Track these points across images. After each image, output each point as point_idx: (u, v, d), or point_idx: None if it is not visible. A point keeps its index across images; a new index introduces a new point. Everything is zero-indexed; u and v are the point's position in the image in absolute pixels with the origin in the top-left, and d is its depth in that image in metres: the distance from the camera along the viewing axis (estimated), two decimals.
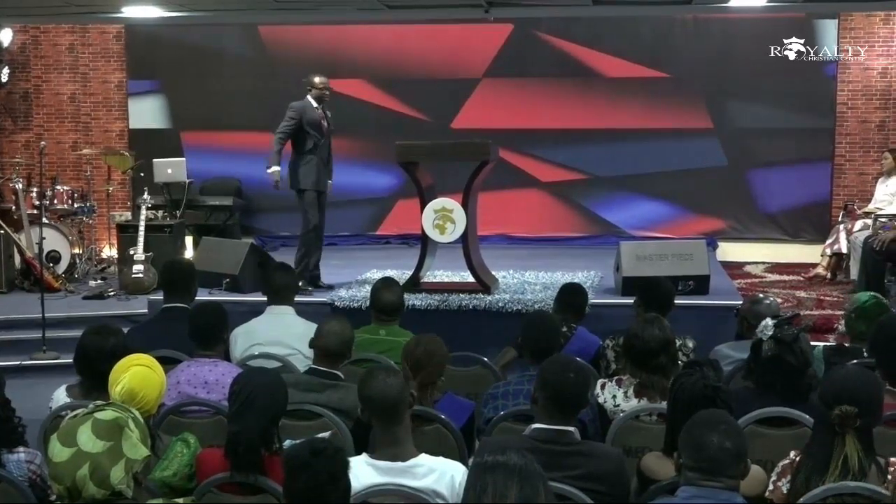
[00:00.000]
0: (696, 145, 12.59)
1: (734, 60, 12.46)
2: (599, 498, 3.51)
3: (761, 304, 5.54)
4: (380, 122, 12.75)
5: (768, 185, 12.55)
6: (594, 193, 12.83)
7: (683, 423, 3.52)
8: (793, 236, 12.49)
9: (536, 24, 12.58)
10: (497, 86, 12.85)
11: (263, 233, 13.06)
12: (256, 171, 12.99)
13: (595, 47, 12.67)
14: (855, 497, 3.21)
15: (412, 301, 7.89)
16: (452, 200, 8.30)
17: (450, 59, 12.89)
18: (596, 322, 7.59)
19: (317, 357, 4.79)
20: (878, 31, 12.29)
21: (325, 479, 2.93)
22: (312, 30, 12.99)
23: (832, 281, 10.55)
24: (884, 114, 12.37)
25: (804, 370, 4.24)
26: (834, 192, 12.43)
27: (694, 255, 8.52)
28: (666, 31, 12.57)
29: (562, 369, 3.78)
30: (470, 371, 5.65)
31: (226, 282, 8.74)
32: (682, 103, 12.56)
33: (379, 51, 12.96)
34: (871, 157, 12.28)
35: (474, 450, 4.25)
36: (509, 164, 12.24)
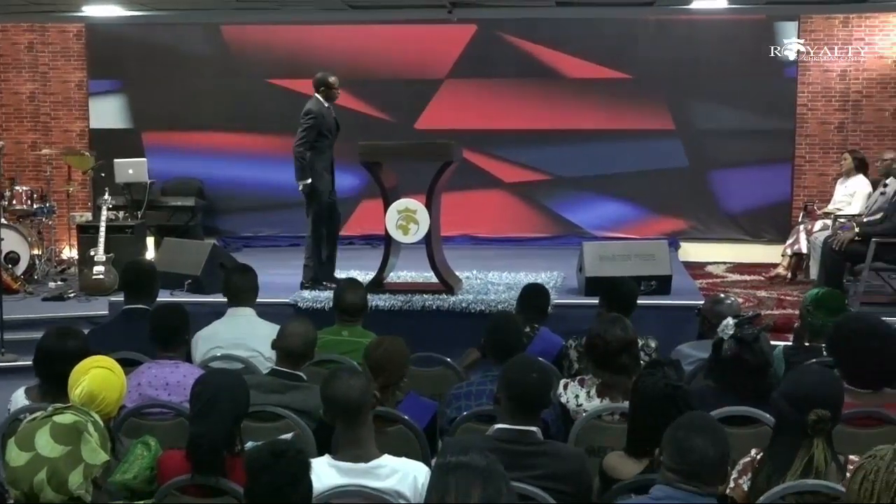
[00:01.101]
0: (659, 146, 12.66)
1: (696, 62, 12.54)
2: (562, 498, 3.52)
3: (722, 303, 5.57)
4: (343, 123, 12.61)
5: (729, 186, 12.65)
6: (557, 194, 12.86)
7: (645, 423, 3.55)
8: (754, 236, 12.59)
9: (500, 24, 12.60)
10: (461, 86, 12.86)
11: (226, 234, 13.01)
12: (219, 171, 13.03)
13: (558, 48, 12.71)
14: (814, 495, 3.24)
15: (375, 302, 7.88)
16: (416, 201, 8.29)
17: (413, 60, 12.88)
18: (559, 322, 7.61)
19: (279, 358, 4.77)
20: (838, 34, 12.42)
21: (287, 480, 2.92)
22: (275, 30, 12.94)
23: (792, 281, 10.64)
24: (843, 115, 12.50)
25: (764, 370, 4.28)
26: (794, 193, 12.54)
27: (656, 256, 8.56)
28: (628, 32, 12.63)
29: (524, 369, 3.79)
30: (433, 371, 5.64)
31: (188, 283, 8.68)
32: (644, 104, 12.63)
33: (342, 51, 12.92)
34: (830, 157, 12.41)
35: (437, 450, 4.25)
36: (473, 164, 12.24)
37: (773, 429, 3.58)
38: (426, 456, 4.13)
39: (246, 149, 13.07)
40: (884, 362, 4.23)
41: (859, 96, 12.46)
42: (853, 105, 12.48)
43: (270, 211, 13.02)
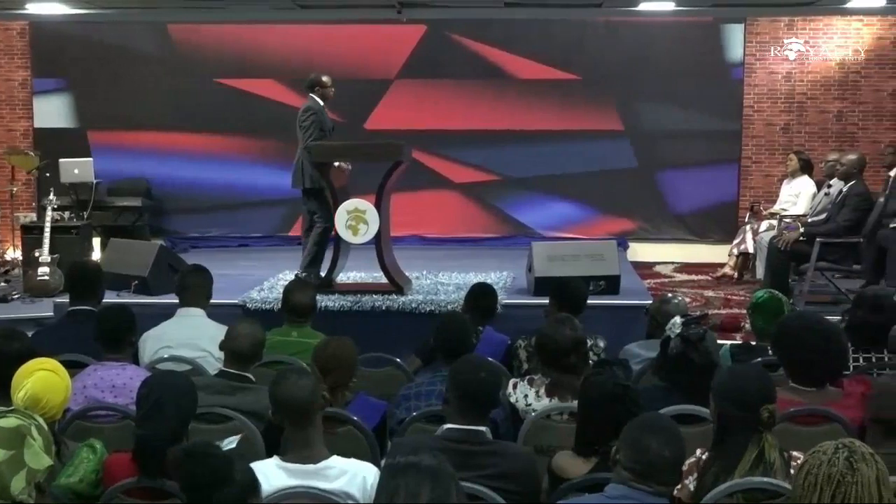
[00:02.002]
0: (607, 147, 12.74)
1: (644, 63, 12.63)
2: (511, 497, 3.52)
3: (670, 303, 5.62)
4: (292, 123, 12.59)
5: (677, 187, 12.76)
6: (507, 194, 12.90)
7: (594, 422, 3.57)
8: (701, 237, 12.70)
9: (449, 25, 12.61)
10: (410, 87, 12.85)
11: (174, 234, 12.90)
12: (167, 171, 12.91)
13: (508, 49, 12.75)
14: (761, 491, 3.28)
15: (325, 302, 7.84)
16: (365, 201, 8.27)
17: (363, 60, 12.85)
18: (508, 322, 7.64)
19: (227, 359, 4.74)
20: (783, 36, 12.57)
21: (209, 479, 2.91)
22: (224, 29, 12.85)
23: (739, 280, 10.77)
24: (788, 116, 12.65)
25: (710, 369, 4.31)
26: (740, 194, 12.68)
27: (605, 256, 8.60)
28: (578, 33, 12.70)
29: (473, 369, 3.80)
30: (382, 372, 5.63)
31: (134, 284, 8.58)
32: (593, 105, 12.70)
33: (291, 51, 12.87)
34: (776, 158, 12.56)
35: (386, 451, 4.24)
36: (423, 165, 12.24)
37: (718, 428, 3.61)
38: (375, 456, 4.12)
39: (194, 149, 12.97)
40: (827, 360, 4.28)
41: (804, 98, 12.62)
42: (798, 107, 12.64)
43: (219, 211, 12.95)
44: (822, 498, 2.67)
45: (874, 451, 2.77)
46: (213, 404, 4.32)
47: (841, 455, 2.70)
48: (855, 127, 12.60)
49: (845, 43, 12.50)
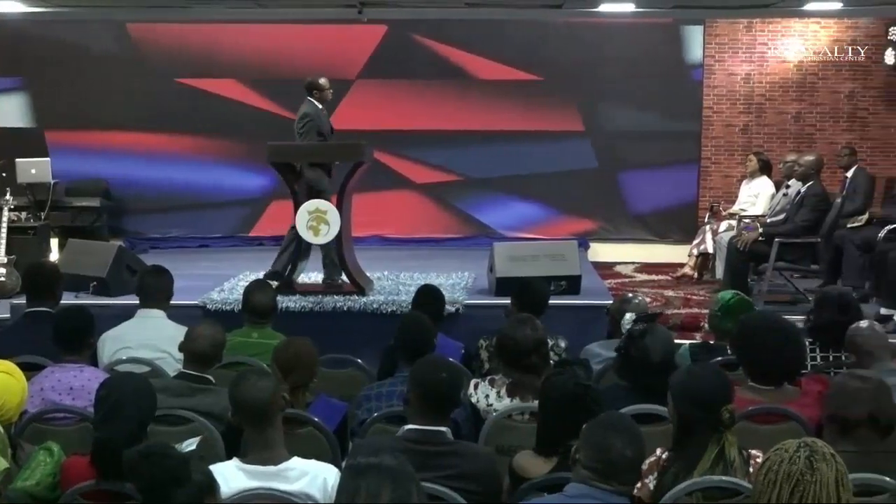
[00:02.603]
0: (568, 147, 12.78)
1: (605, 64, 12.68)
2: (472, 497, 3.53)
3: (630, 303, 5.65)
4: (253, 123, 12.60)
5: (638, 187, 12.82)
6: (468, 195, 12.91)
7: (554, 422, 3.58)
8: (661, 237, 12.77)
9: (410, 25, 12.60)
10: (371, 87, 12.82)
11: (133, 235, 12.79)
12: (126, 171, 12.80)
13: (469, 49, 12.76)
14: (720, 490, 3.30)
15: (286, 303, 7.82)
16: (326, 202, 8.25)
17: (324, 60, 12.78)
18: (470, 323, 7.68)
19: (187, 361, 4.71)
20: (742, 38, 12.66)
21: (164, 480, 2.89)
22: (184, 28, 12.76)
23: (699, 280, 10.84)
24: (747, 118, 12.75)
25: (653, 366, 4.33)
26: (700, 194, 12.75)
27: (566, 256, 8.63)
28: (539, 34, 12.72)
29: (434, 369, 3.80)
30: (343, 373, 5.63)
31: (93, 285, 8.51)
32: (554, 106, 12.73)
33: (252, 51, 12.81)
34: (735, 159, 12.65)
35: (347, 452, 4.23)
36: (384, 165, 12.23)
37: (677, 428, 3.64)
38: (336, 458, 4.11)
39: (154, 149, 12.87)
40: (785, 359, 4.33)
41: (762, 99, 12.73)
42: (757, 108, 12.74)
43: (179, 212, 12.87)
44: (780, 496, 2.69)
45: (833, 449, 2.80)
46: (173, 406, 4.29)
47: (802, 454, 2.72)
48: (812, 128, 12.72)
49: (803, 45, 12.62)
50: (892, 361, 4.74)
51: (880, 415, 3.54)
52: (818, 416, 4.09)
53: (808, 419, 4.11)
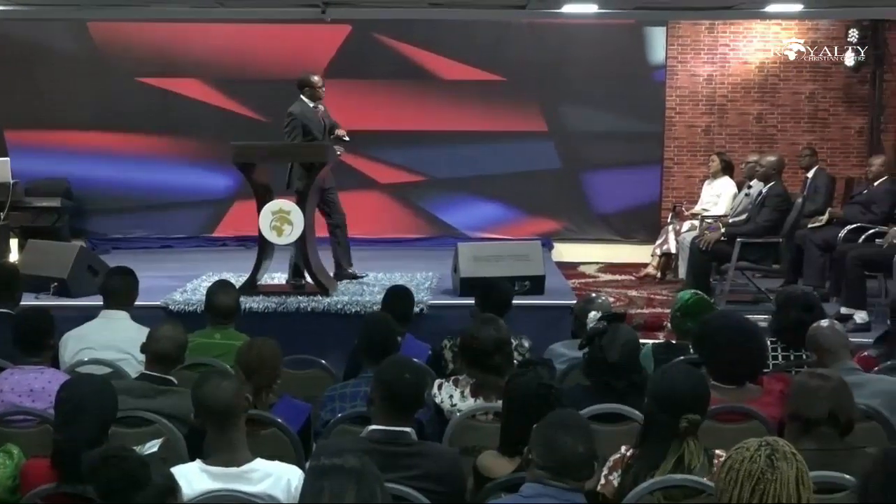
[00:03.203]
0: (532, 148, 12.80)
1: (568, 65, 12.72)
2: (436, 498, 3.53)
3: (593, 303, 5.67)
4: (216, 123, 12.54)
5: (601, 187, 12.86)
6: (432, 195, 12.90)
7: (518, 422, 3.59)
8: (624, 237, 12.82)
9: (374, 25, 12.57)
10: (335, 87, 12.67)
11: (95, 235, 12.68)
12: (87, 171, 12.69)
13: (433, 50, 12.75)
14: (682, 489, 3.32)
15: (249, 304, 7.79)
16: (290, 202, 8.23)
17: (287, 60, 12.74)
18: (434, 323, 7.68)
19: (149, 362, 4.69)
20: (704, 40, 12.74)
21: (124, 483, 2.87)
22: (146, 27, 12.64)
23: (662, 280, 10.89)
24: (709, 118, 12.83)
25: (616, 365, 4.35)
26: (663, 194, 12.82)
27: (530, 256, 8.66)
28: (502, 34, 12.73)
29: (398, 370, 3.80)
30: (307, 373, 5.62)
31: (54, 286, 8.44)
32: (517, 106, 12.75)
33: (215, 50, 12.74)
34: (697, 160, 12.72)
35: (311, 453, 4.22)
36: (347, 165, 12.16)
37: (642, 427, 3.66)
38: (300, 459, 4.10)
39: (115, 148, 12.76)
40: (746, 358, 4.36)
41: (724, 100, 12.82)
42: (719, 109, 12.82)
43: (141, 212, 12.77)
44: (742, 494, 2.71)
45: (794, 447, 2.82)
46: (135, 408, 4.26)
47: (763, 452, 2.74)
48: (774, 129, 12.82)
49: (764, 46, 12.72)
50: (852, 360, 4.79)
51: (840, 413, 3.57)
52: (780, 414, 4.13)
53: (769, 418, 4.14)
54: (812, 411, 3.56)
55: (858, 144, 12.81)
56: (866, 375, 4.64)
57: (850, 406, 3.65)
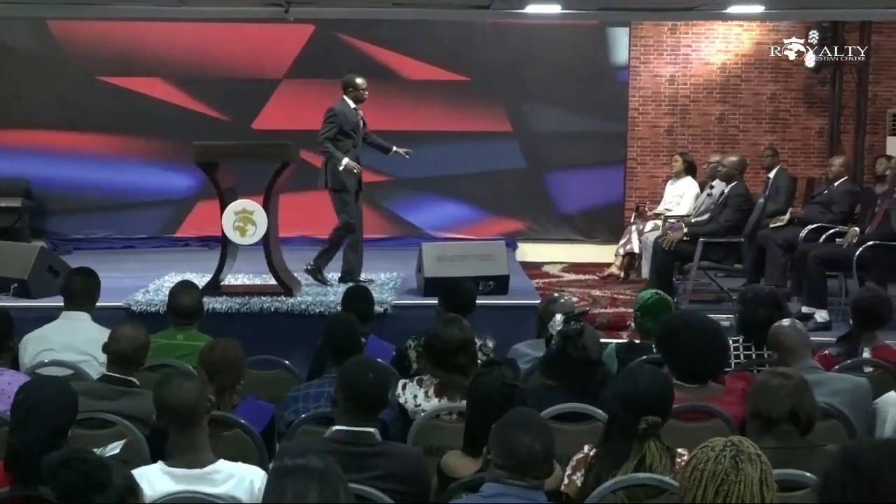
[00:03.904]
0: (496, 148, 12.81)
1: (532, 65, 12.75)
2: (400, 498, 3.52)
3: (556, 303, 5.69)
4: (178, 122, 12.46)
5: (565, 187, 12.90)
6: (396, 195, 12.88)
7: (482, 422, 3.59)
8: (588, 237, 12.87)
9: (338, 25, 12.54)
10: (299, 87, 12.74)
11: (56, 235, 12.55)
12: (48, 171, 12.57)
13: (396, 50, 12.74)
14: (643, 488, 3.33)
15: (212, 304, 7.74)
16: (253, 202, 8.20)
17: (250, 59, 12.71)
18: (399, 323, 7.67)
19: (110, 363, 4.64)
20: (667, 40, 12.82)
21: (84, 485, 2.85)
22: (107, 26, 12.55)
23: (625, 280, 10.94)
24: (672, 119, 12.91)
25: (588, 365, 4.38)
26: (626, 194, 12.88)
27: (494, 256, 8.67)
28: (466, 34, 12.74)
29: (361, 370, 3.80)
30: (271, 374, 5.59)
31: (13, 287, 8.35)
32: (481, 106, 12.76)
33: (177, 49, 12.67)
34: (660, 160, 12.80)
35: (275, 454, 4.20)
36: (312, 165, 12.12)
37: (606, 426, 3.67)
38: (263, 460, 4.08)
39: (77, 148, 12.66)
40: (709, 357, 4.39)
41: (687, 101, 12.90)
42: (681, 109, 12.90)
43: (103, 212, 12.67)
44: (705, 494, 2.72)
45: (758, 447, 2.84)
46: (96, 409, 4.23)
47: (727, 453, 2.75)
48: (736, 129, 12.92)
49: (726, 47, 12.81)
50: (813, 359, 4.83)
51: (801, 411, 3.60)
52: (742, 413, 4.16)
53: (732, 416, 4.17)
54: (773, 410, 3.58)
55: (819, 145, 12.95)
56: (827, 374, 4.68)
57: (811, 404, 3.68)
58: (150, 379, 4.62)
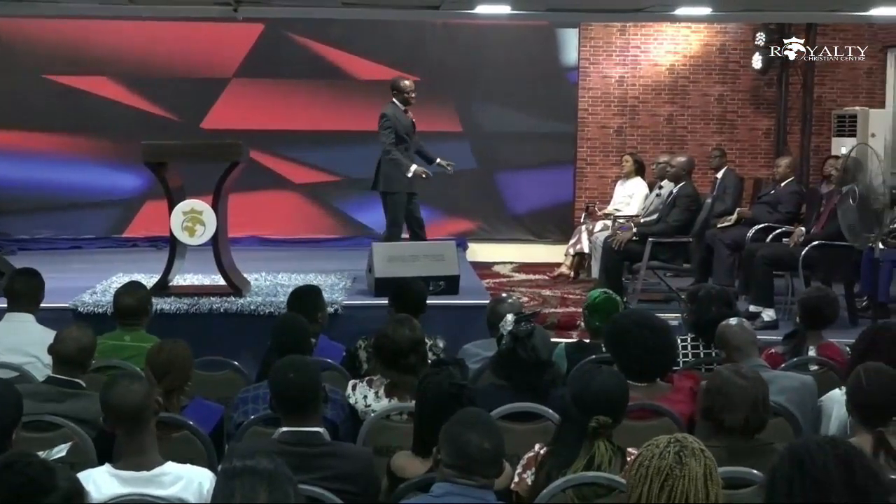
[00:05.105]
0: (447, 148, 12.67)
1: (483, 65, 12.79)
2: (350, 498, 3.52)
3: (504, 303, 5.71)
4: (126, 121, 12.34)
5: (515, 188, 12.95)
6: (347, 195, 12.85)
7: (431, 422, 3.59)
8: (538, 237, 12.92)
9: (288, 24, 12.49)
10: (248, 86, 12.68)
11: (1, 235, 12.39)
12: None
13: (347, 49, 12.72)
14: (593, 487, 3.35)
15: (161, 305, 7.67)
16: (202, 202, 8.13)
17: (199, 58, 12.63)
18: (349, 323, 7.65)
19: (56, 365, 4.60)
20: (616, 42, 12.90)
21: (28, 489, 2.81)
22: (53, 23, 12.38)
23: (575, 279, 11.00)
24: (621, 119, 13.00)
25: (539, 365, 4.40)
26: (576, 195, 12.94)
27: (444, 256, 8.67)
28: (417, 35, 12.75)
29: (283, 371, 3.82)
30: (220, 375, 5.56)
31: None
32: (432, 106, 12.72)
33: (125, 48, 12.54)
34: (610, 160, 12.88)
35: (224, 455, 4.17)
36: (261, 165, 12.11)
37: (558, 425, 3.69)
38: (212, 461, 4.05)
39: (22, 147, 12.50)
40: (657, 356, 4.42)
41: (636, 102, 12.99)
42: (630, 110, 13.00)
43: (49, 212, 12.52)
44: (651, 491, 2.74)
45: (703, 444, 2.86)
46: (42, 412, 4.18)
47: (672, 449, 2.77)
48: (684, 130, 13.04)
49: (675, 49, 12.92)
50: (760, 357, 4.88)
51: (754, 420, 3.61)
52: (690, 411, 4.20)
53: (679, 414, 4.21)
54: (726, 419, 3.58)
55: (766, 146, 13.10)
56: (773, 372, 4.73)
57: (766, 411, 3.69)
58: (96, 381, 4.58)
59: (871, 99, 12.96)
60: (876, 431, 3.68)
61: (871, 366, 3.86)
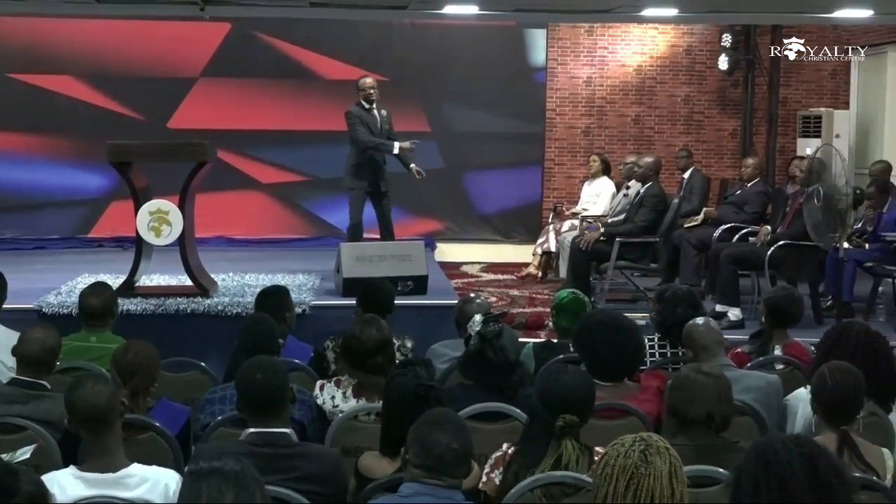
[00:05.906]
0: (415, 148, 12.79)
1: (450, 66, 12.79)
2: (317, 499, 3.51)
3: (472, 303, 5.71)
4: (91, 121, 12.24)
5: (483, 188, 12.97)
6: (314, 195, 12.83)
7: (398, 422, 3.59)
8: (506, 237, 12.95)
9: (255, 24, 12.44)
10: (215, 85, 12.62)
11: None
12: None
13: (315, 49, 12.69)
14: (560, 486, 3.36)
15: (127, 306, 7.62)
16: (168, 202, 8.09)
17: (165, 58, 12.55)
18: (317, 324, 7.64)
19: (20, 366, 4.56)
20: (583, 42, 12.95)
21: None
22: (17, 21, 12.28)
23: (543, 279, 11.03)
24: (588, 120, 13.04)
25: (506, 366, 4.41)
26: (544, 195, 12.98)
27: (413, 256, 8.67)
28: (385, 35, 12.73)
29: (248, 371, 3.81)
30: (187, 376, 5.52)
31: None
32: (400, 106, 12.64)
33: (90, 46, 12.45)
34: (577, 160, 12.92)
35: (190, 457, 4.15)
36: (228, 165, 12.05)
37: (526, 425, 3.69)
38: (179, 463, 4.03)
39: None
40: (624, 355, 4.44)
41: (604, 102, 13.04)
42: (598, 111, 13.05)
43: (13, 213, 12.42)
44: (616, 489, 2.75)
45: (669, 442, 2.88)
46: (5, 414, 4.15)
47: (637, 448, 2.79)
48: (651, 131, 13.10)
49: (642, 49, 12.98)
50: (726, 356, 4.91)
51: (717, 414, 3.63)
52: (657, 410, 4.22)
53: (647, 414, 4.22)
54: (689, 412, 3.61)
55: (732, 146, 13.19)
56: (739, 371, 4.76)
57: (729, 406, 3.72)
58: (61, 382, 4.53)
59: (836, 100, 13.08)
60: (840, 430, 3.72)
61: (836, 365, 3.90)
